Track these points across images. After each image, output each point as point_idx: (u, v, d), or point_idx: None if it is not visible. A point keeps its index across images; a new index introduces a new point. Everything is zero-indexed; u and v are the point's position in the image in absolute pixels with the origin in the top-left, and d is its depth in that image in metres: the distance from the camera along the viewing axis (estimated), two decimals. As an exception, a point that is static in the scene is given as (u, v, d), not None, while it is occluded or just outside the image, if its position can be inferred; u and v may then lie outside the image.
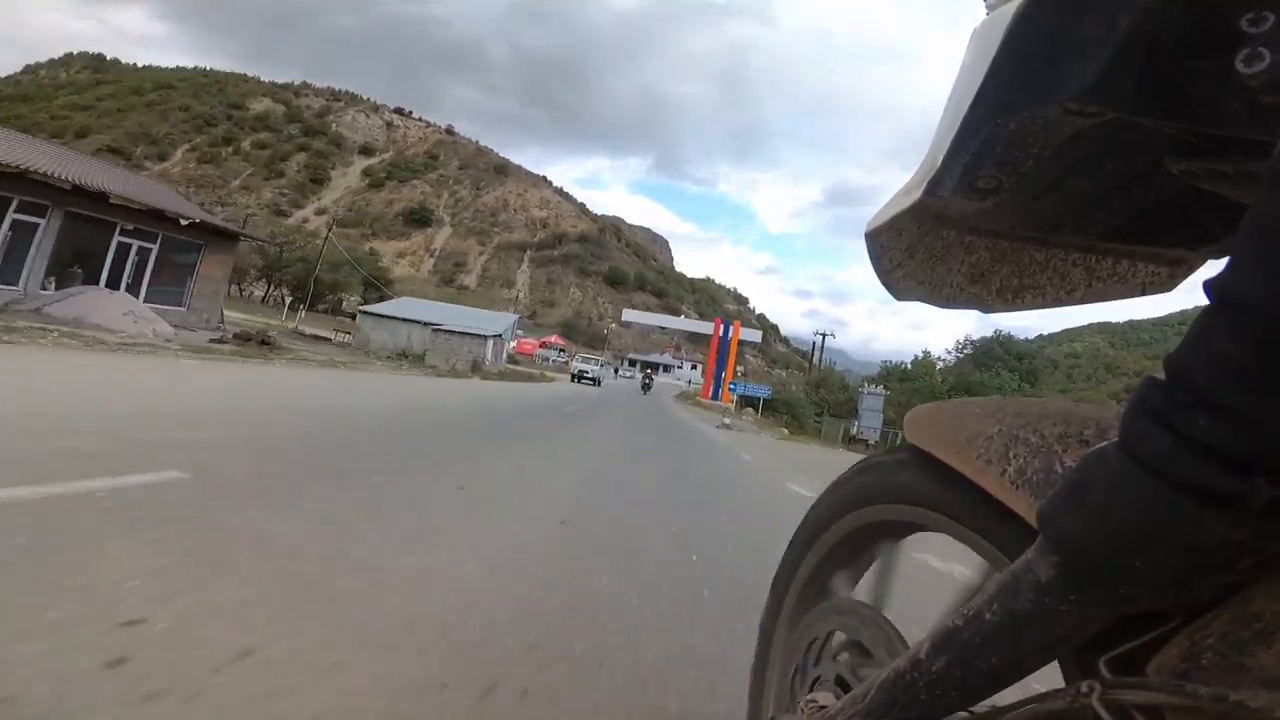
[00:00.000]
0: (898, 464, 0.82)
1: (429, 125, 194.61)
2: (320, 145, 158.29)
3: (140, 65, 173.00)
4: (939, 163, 0.64)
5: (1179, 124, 0.53)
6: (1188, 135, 0.57)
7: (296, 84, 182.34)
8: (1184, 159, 0.59)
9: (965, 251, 0.79)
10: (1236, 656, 0.42)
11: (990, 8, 0.63)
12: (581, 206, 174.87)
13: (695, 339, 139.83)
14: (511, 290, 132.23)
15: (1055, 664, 0.54)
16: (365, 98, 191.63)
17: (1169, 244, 0.72)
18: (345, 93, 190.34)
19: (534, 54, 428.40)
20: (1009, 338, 51.53)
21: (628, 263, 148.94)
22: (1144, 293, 0.78)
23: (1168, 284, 0.77)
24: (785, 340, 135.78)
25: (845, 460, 1.73)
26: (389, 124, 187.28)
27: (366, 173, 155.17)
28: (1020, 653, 0.51)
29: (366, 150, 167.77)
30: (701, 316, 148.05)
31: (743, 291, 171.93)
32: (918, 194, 0.67)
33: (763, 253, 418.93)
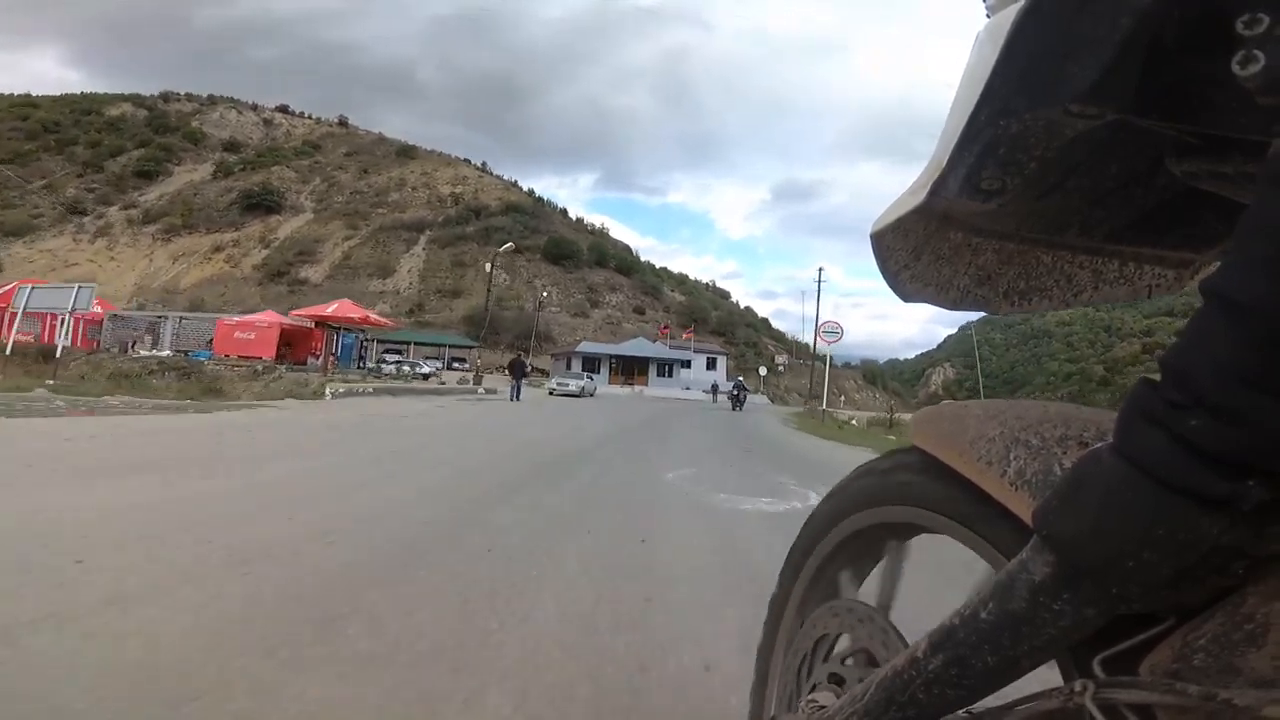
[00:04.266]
0: (901, 466, 0.86)
1: (318, 121, 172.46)
2: (170, 141, 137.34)
3: (14, 94, 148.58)
4: (944, 164, 0.66)
5: (1180, 125, 0.56)
6: (1188, 136, 0.59)
7: (181, 93, 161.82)
8: (1185, 160, 0.61)
9: (972, 253, 0.81)
10: (1228, 657, 0.43)
11: (991, 9, 0.65)
12: (513, 183, 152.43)
13: (695, 315, 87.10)
14: (388, 280, 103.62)
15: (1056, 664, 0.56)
16: (243, 99, 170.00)
17: (1173, 246, 0.77)
18: (223, 97, 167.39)
19: (466, 74, 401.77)
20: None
21: (578, 236, 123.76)
22: (1150, 295, 0.82)
23: (1174, 286, 0.81)
24: (780, 334, 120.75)
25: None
26: (267, 121, 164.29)
27: (219, 165, 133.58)
28: (1016, 652, 0.53)
29: (232, 146, 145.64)
30: (689, 295, 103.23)
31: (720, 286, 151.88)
32: (923, 195, 0.69)
33: (727, 260, 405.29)
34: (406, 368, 37.11)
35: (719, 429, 16.62)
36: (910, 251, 0.82)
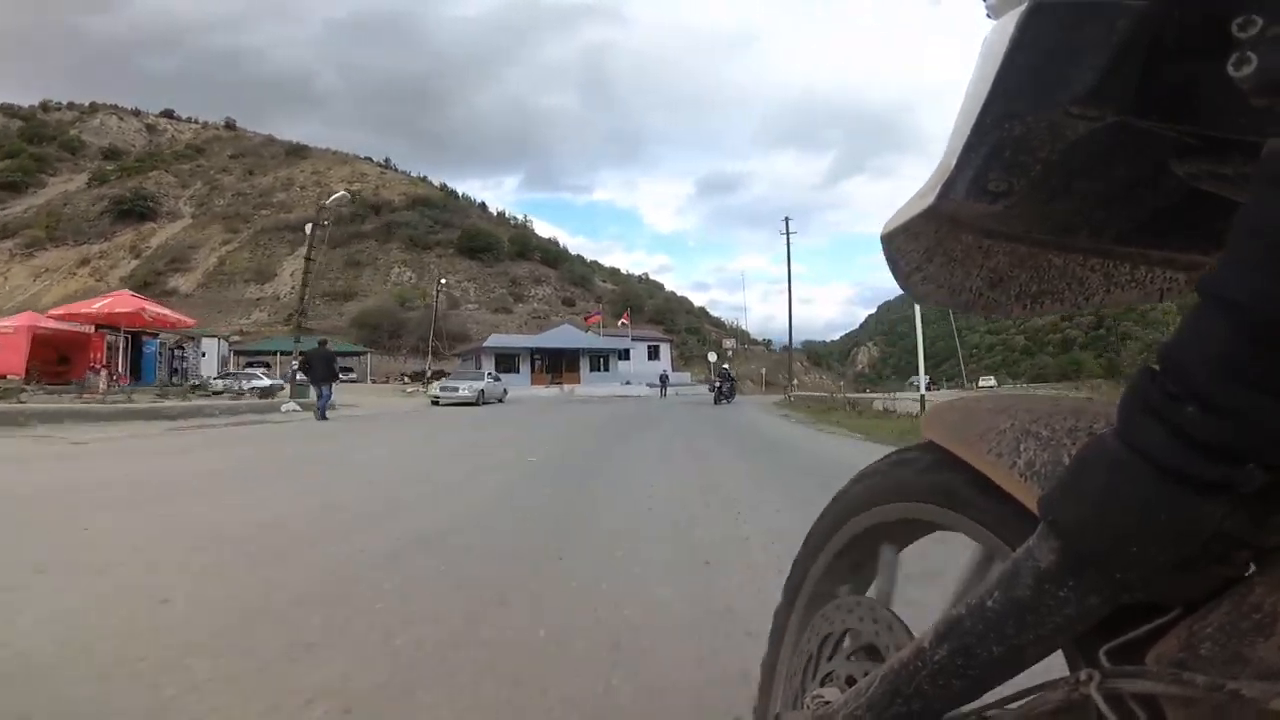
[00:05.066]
0: (913, 461, 0.86)
1: (204, 125, 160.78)
2: (45, 151, 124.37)
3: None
4: (951, 167, 0.67)
5: (1180, 126, 0.57)
6: (1188, 137, 0.60)
7: (62, 103, 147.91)
8: (1187, 161, 0.62)
9: (984, 256, 0.82)
10: (1235, 647, 0.43)
11: (993, 10, 0.66)
12: (421, 177, 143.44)
13: (630, 303, 79.14)
14: (266, 285, 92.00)
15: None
16: (125, 106, 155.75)
17: (1181, 248, 0.78)
18: (104, 104, 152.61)
19: (375, 81, 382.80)
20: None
21: (499, 229, 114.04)
22: (1161, 298, 0.83)
23: (1184, 288, 0.82)
24: (719, 321, 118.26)
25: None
26: (150, 126, 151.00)
27: (95, 173, 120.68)
28: (1021, 641, 0.53)
29: (112, 154, 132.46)
30: (621, 285, 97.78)
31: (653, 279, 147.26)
32: (931, 197, 0.70)
33: (658, 254, 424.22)
34: (235, 382, 26.93)
35: (769, 485, 6.13)
36: (921, 254, 0.82)
